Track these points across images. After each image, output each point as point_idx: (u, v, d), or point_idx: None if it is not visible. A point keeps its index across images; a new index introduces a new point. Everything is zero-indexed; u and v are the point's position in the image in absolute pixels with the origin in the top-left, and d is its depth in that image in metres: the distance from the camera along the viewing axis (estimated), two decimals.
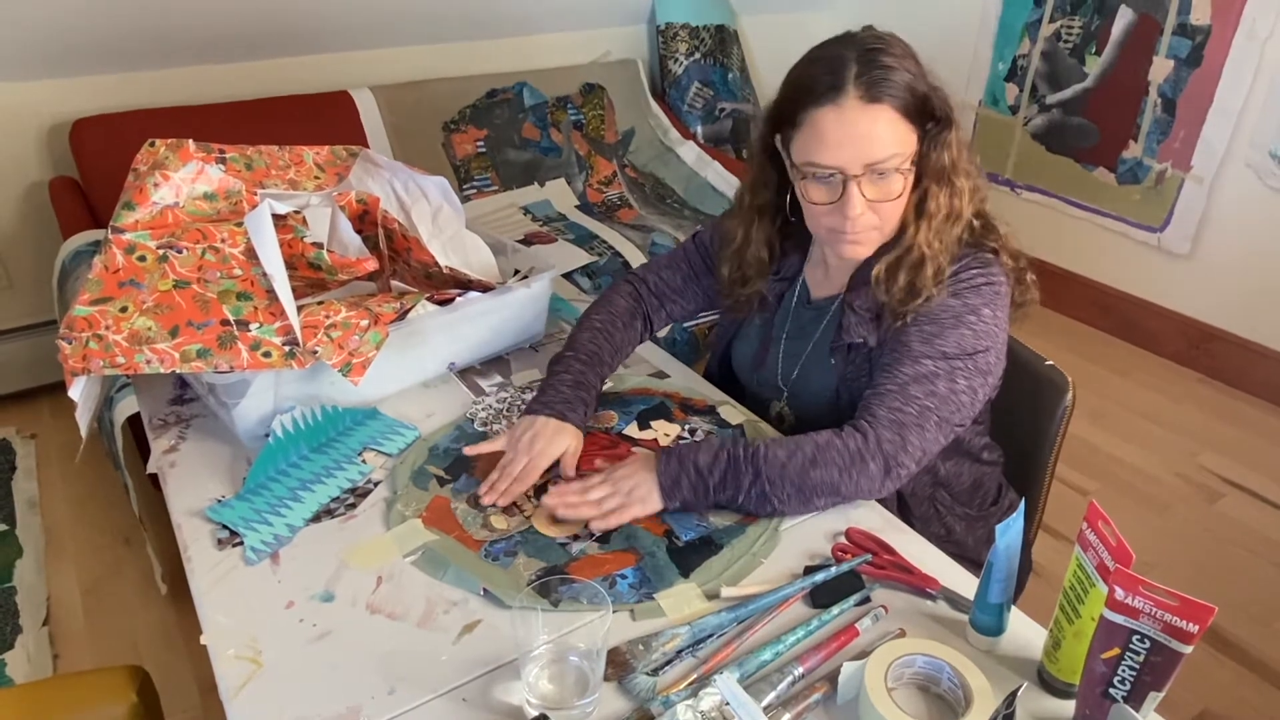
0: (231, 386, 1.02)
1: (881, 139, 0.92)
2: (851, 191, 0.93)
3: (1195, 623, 0.63)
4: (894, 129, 0.92)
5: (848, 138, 0.91)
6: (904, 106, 0.92)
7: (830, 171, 0.94)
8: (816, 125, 0.93)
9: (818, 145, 0.93)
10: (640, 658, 0.77)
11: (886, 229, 0.99)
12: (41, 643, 1.68)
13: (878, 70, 0.91)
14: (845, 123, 0.91)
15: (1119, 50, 2.65)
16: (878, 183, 0.94)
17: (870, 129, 0.91)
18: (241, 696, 0.75)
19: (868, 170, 0.93)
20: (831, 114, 0.92)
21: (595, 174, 2.82)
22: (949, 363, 0.96)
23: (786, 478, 0.92)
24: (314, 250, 1.07)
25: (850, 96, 0.91)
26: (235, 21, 2.28)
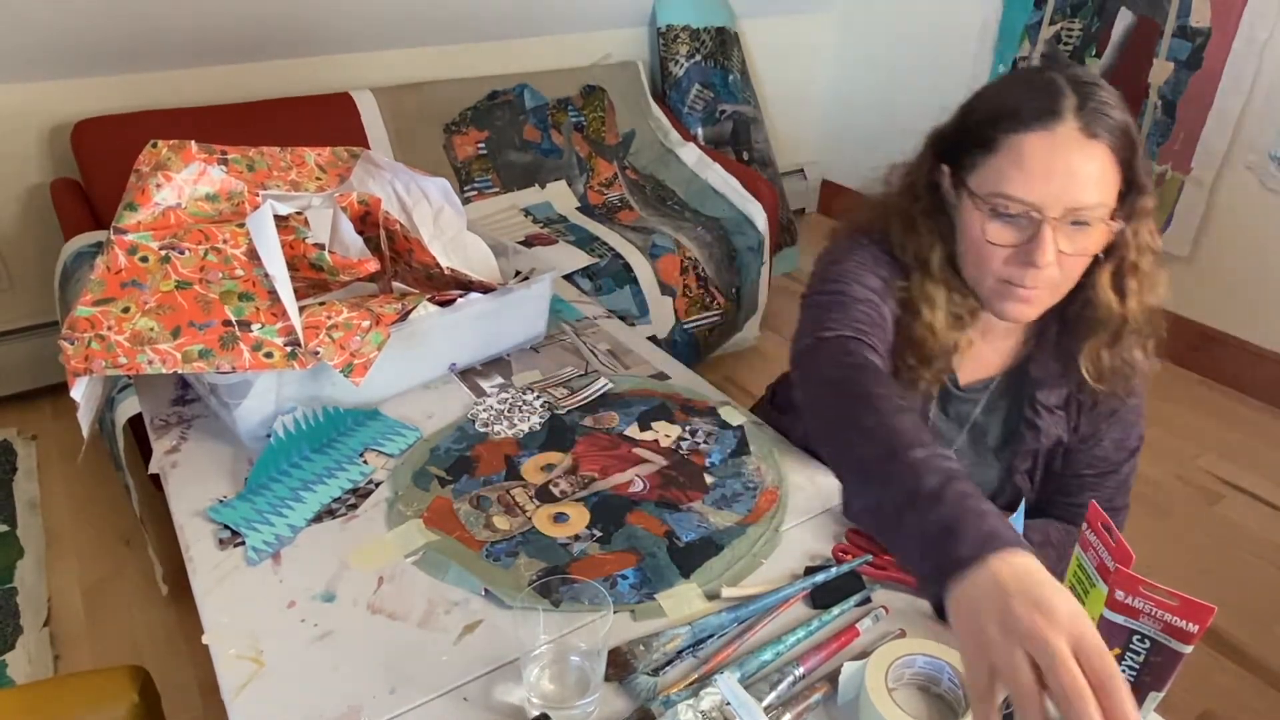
0: (233, 387, 1.02)
1: (1093, 182, 0.80)
2: (1045, 235, 0.80)
3: (1195, 623, 0.63)
4: (1105, 175, 0.80)
5: (1056, 171, 0.79)
6: (1118, 153, 0.81)
7: (1024, 209, 0.81)
8: (1020, 151, 0.80)
9: (1017, 175, 0.81)
10: (641, 658, 0.77)
11: (1062, 290, 0.87)
12: (42, 643, 1.68)
13: (1097, 104, 0.80)
14: (1057, 154, 0.79)
15: (1119, 52, 2.65)
16: (1073, 233, 0.82)
17: (1083, 167, 0.79)
18: (243, 696, 0.75)
19: (1066, 215, 0.80)
20: (1042, 141, 0.79)
21: (596, 176, 2.82)
22: (1135, 456, 0.99)
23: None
24: (316, 251, 1.08)
25: (1068, 125, 0.79)
26: (237, 23, 2.28)
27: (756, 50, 3.31)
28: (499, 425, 1.11)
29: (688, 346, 2.51)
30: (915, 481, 0.66)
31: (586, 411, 1.14)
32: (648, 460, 1.05)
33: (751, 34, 3.27)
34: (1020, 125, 0.81)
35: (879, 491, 0.69)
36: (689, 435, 1.10)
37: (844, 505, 0.84)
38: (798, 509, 0.98)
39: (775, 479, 1.03)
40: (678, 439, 1.09)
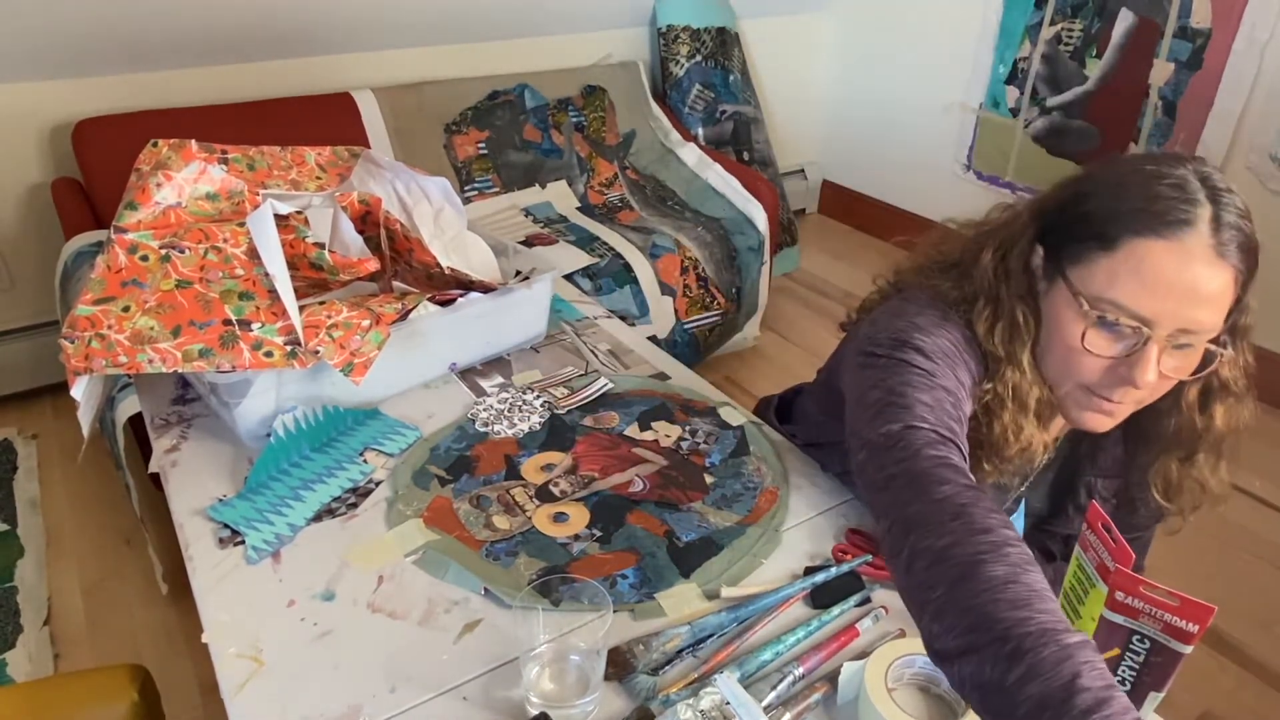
0: (233, 386, 1.02)
1: (1212, 303, 0.72)
2: (1149, 355, 0.73)
3: (1195, 623, 0.63)
4: (1224, 296, 0.72)
5: (1178, 288, 0.71)
6: (1242, 275, 0.73)
7: (1135, 323, 0.73)
8: (1142, 259, 0.72)
9: (1134, 284, 0.72)
10: (641, 657, 0.77)
11: (1146, 403, 0.80)
12: (42, 642, 1.68)
13: (1233, 219, 0.71)
14: (1184, 269, 0.71)
15: (1119, 53, 2.65)
16: (1176, 354, 0.75)
17: (1206, 287, 0.71)
18: (243, 695, 0.75)
19: (1175, 335, 0.73)
20: (1173, 252, 0.71)
21: (596, 176, 2.82)
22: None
23: None
24: (316, 250, 1.08)
25: (1202, 240, 0.70)
26: (237, 23, 2.28)
27: (757, 50, 3.32)
28: (499, 425, 1.11)
29: (688, 346, 2.51)
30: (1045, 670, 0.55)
31: (586, 411, 1.14)
32: (648, 460, 1.05)
33: (752, 34, 3.27)
34: (1148, 230, 0.72)
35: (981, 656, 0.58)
36: (689, 435, 1.10)
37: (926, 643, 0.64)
38: (797, 509, 0.98)
39: (775, 479, 1.03)
40: (678, 439, 1.09)
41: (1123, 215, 0.73)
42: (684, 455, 1.06)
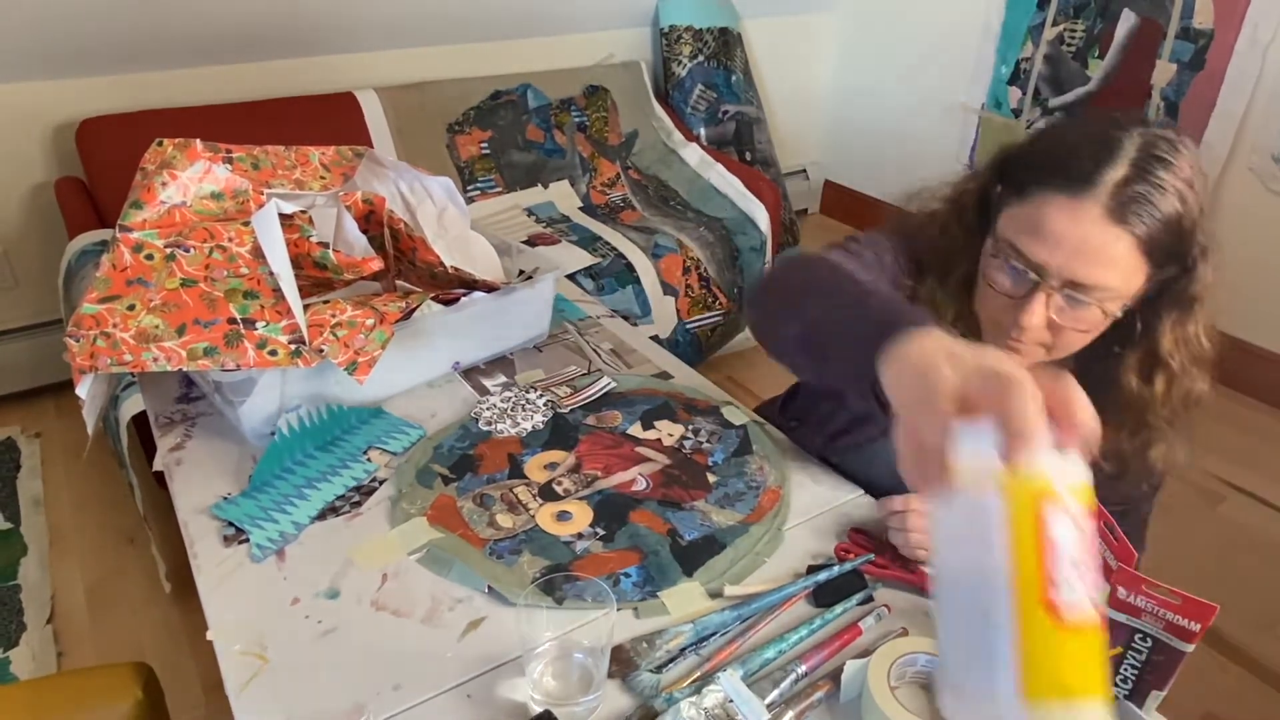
0: (238, 384, 1.03)
1: (1103, 265, 0.75)
2: (1035, 299, 0.78)
3: (1197, 621, 0.63)
4: (1126, 262, 0.76)
5: (1066, 243, 0.76)
6: (1150, 242, 0.75)
7: (1028, 266, 0.79)
8: (1040, 210, 0.77)
9: (1031, 231, 0.78)
10: (644, 655, 0.78)
11: (1055, 354, 0.84)
12: (46, 640, 1.69)
13: (1146, 185, 0.74)
14: (1075, 227, 0.75)
15: (1122, 54, 2.65)
16: (1070, 306, 0.79)
17: (1097, 247, 0.75)
18: (247, 692, 0.75)
19: (1065, 286, 0.78)
20: (1064, 208, 0.75)
21: (598, 176, 2.82)
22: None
23: None
24: (320, 250, 1.08)
25: (1096, 201, 0.74)
26: (241, 23, 2.29)
27: (759, 51, 3.32)
28: (502, 424, 1.11)
29: (690, 346, 2.51)
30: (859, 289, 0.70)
31: (589, 410, 1.15)
32: (650, 459, 1.05)
33: (754, 34, 3.27)
34: (1053, 183, 0.77)
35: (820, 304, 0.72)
36: (692, 434, 1.10)
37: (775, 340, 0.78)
38: (800, 508, 0.98)
39: (778, 478, 1.03)
40: (680, 438, 1.09)
41: (1040, 167, 0.78)
42: (687, 454, 1.06)
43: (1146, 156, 0.75)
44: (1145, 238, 0.75)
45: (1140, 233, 0.74)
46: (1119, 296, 0.78)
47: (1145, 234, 0.74)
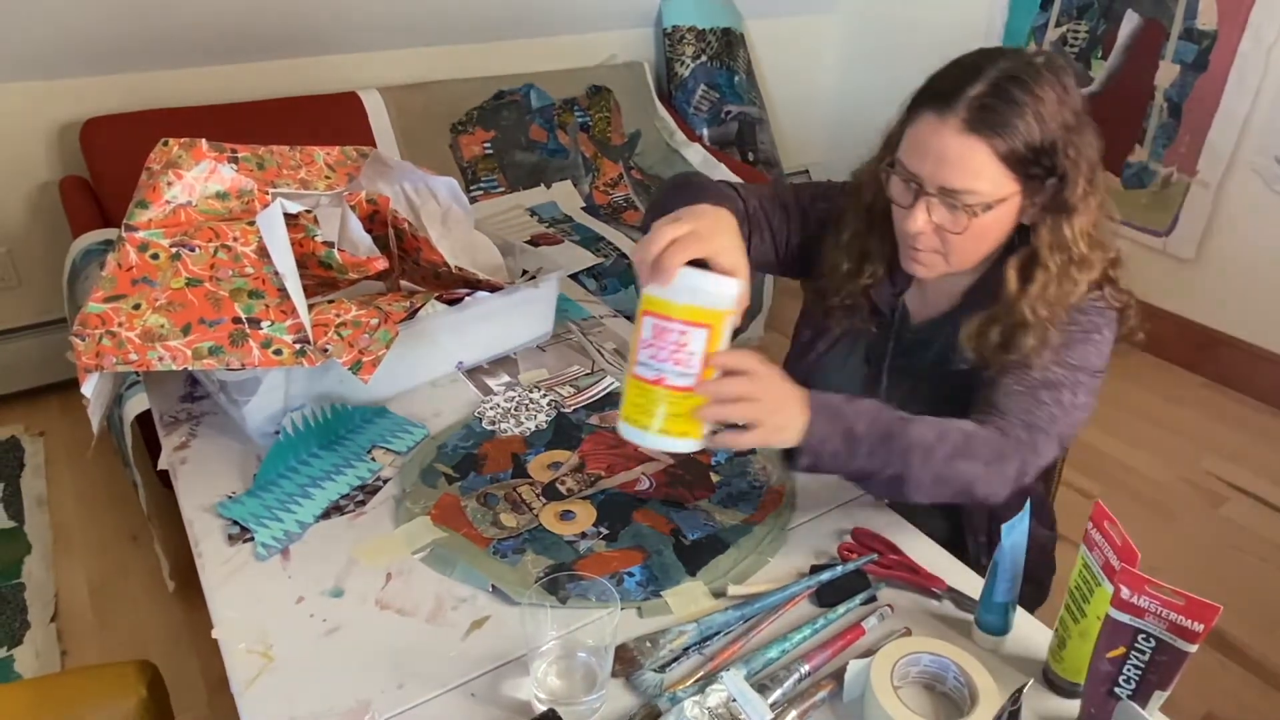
0: (242, 384, 1.03)
1: (965, 171, 0.85)
2: (918, 206, 0.89)
3: (1201, 622, 0.63)
4: (986, 168, 0.85)
5: (932, 153, 0.86)
6: (1008, 153, 0.84)
7: (909, 177, 0.89)
8: (916, 126, 0.89)
9: (909, 146, 0.89)
10: (648, 655, 0.78)
11: (952, 261, 0.93)
12: (50, 638, 1.69)
13: (999, 100, 0.83)
14: (937, 138, 0.86)
15: (1125, 55, 2.65)
16: (947, 210, 0.88)
17: (957, 155, 0.85)
18: (252, 691, 0.75)
19: (941, 193, 0.87)
20: (931, 122, 0.86)
21: (601, 176, 2.82)
22: (1074, 374, 0.91)
23: (930, 465, 0.82)
24: (325, 249, 1.08)
25: (955, 114, 0.84)
26: (245, 22, 2.29)
27: (762, 51, 3.32)
28: (506, 423, 1.12)
29: None
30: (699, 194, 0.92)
31: (593, 410, 1.15)
32: (654, 459, 1.05)
33: (757, 35, 3.27)
34: (925, 101, 0.88)
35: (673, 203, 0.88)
36: None
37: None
38: (803, 507, 0.99)
39: (781, 478, 1.03)
40: None
41: (921, 93, 0.90)
42: (690, 453, 1.06)
43: (1005, 78, 0.84)
44: (1000, 147, 0.84)
45: (994, 142, 0.84)
46: (985, 200, 0.86)
47: (999, 144, 0.84)
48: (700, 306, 0.73)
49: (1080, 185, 0.88)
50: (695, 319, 0.73)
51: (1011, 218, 0.90)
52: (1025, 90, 0.84)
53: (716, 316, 0.74)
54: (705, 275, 0.74)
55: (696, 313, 0.73)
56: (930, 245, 0.92)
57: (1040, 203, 0.89)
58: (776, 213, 1.09)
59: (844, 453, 0.81)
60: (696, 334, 0.73)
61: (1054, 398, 0.89)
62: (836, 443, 0.80)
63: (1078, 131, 0.87)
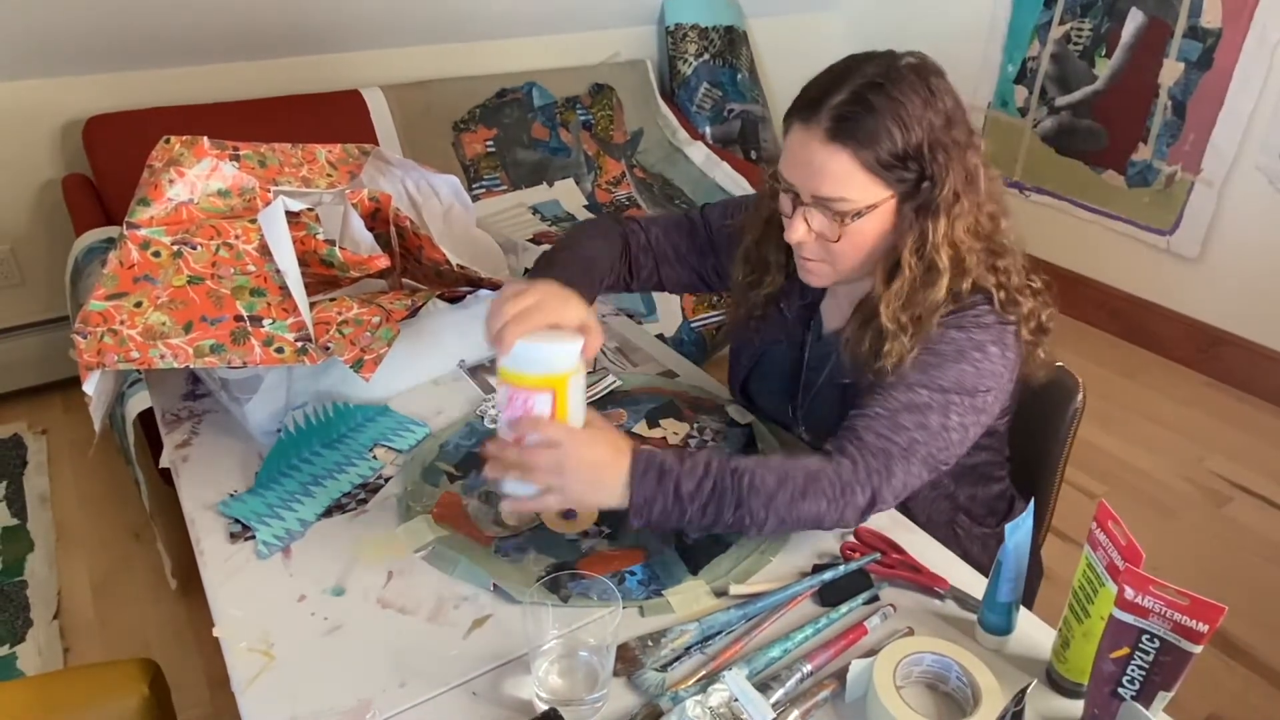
0: (244, 382, 1.03)
1: (832, 180, 0.86)
2: (796, 215, 0.90)
3: (1205, 622, 0.63)
4: (852, 176, 0.85)
5: (800, 163, 0.88)
6: (874, 159, 0.84)
7: (788, 187, 0.90)
8: (789, 137, 0.90)
9: (784, 160, 0.90)
10: (650, 654, 0.78)
11: (838, 268, 0.93)
12: (52, 636, 1.69)
13: (858, 109, 0.83)
14: (804, 148, 0.87)
15: (1129, 53, 2.64)
16: (824, 217, 0.89)
17: (823, 164, 0.86)
18: (253, 689, 0.75)
19: (815, 201, 0.88)
20: (799, 133, 0.87)
21: (604, 174, 2.82)
22: (944, 396, 0.87)
23: (773, 509, 0.82)
24: (326, 247, 1.08)
25: (818, 125, 0.85)
26: (248, 21, 2.29)
27: (765, 49, 3.31)
28: None
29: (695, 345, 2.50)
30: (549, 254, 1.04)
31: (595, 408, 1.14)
32: None
33: (760, 33, 3.27)
34: (794, 116, 0.88)
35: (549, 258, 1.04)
36: (697, 433, 1.10)
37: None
38: None
39: None
40: (686, 436, 1.09)
41: (794, 102, 0.89)
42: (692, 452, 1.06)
43: (866, 85, 0.84)
44: (864, 157, 0.84)
45: (855, 150, 0.84)
46: (857, 208, 0.87)
47: (864, 153, 0.84)
48: (539, 375, 0.80)
49: (949, 188, 0.86)
50: (537, 385, 0.80)
51: (888, 221, 0.89)
52: (886, 96, 0.83)
53: (558, 381, 0.80)
54: (540, 345, 0.79)
55: (537, 380, 0.80)
56: (815, 254, 0.93)
57: (914, 205, 0.88)
58: (683, 240, 1.14)
59: (674, 510, 0.81)
60: (541, 398, 0.80)
61: (917, 421, 0.86)
62: (665, 502, 0.81)
63: (946, 132, 0.86)
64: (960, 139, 0.87)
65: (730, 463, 0.83)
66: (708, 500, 0.81)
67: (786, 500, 0.82)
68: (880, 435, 0.86)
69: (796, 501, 0.82)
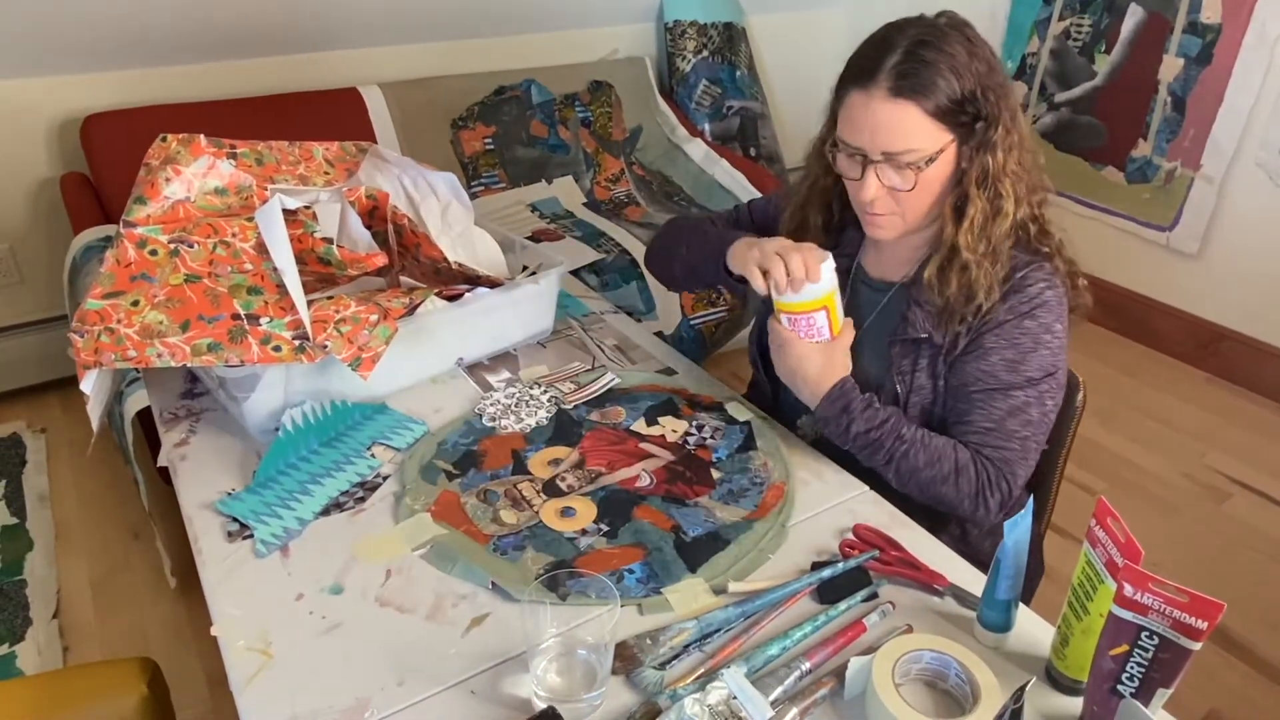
0: (242, 380, 1.03)
1: (901, 133, 0.93)
2: (868, 175, 0.96)
3: (1204, 619, 0.63)
4: (919, 126, 0.93)
5: (867, 125, 0.94)
6: (935, 108, 0.92)
7: (853, 151, 0.97)
8: (847, 105, 0.96)
9: (846, 124, 0.97)
10: (648, 652, 0.78)
11: (909, 218, 1.00)
12: (51, 635, 1.69)
13: (915, 64, 0.91)
14: (869, 110, 0.94)
15: (1129, 49, 2.64)
16: (895, 171, 0.95)
17: (890, 121, 0.93)
18: (252, 688, 0.75)
19: (885, 158, 0.95)
20: (859, 98, 0.94)
21: (603, 171, 2.82)
22: (1037, 388, 0.98)
23: (913, 481, 0.97)
24: (324, 245, 1.08)
25: (880, 86, 0.92)
26: (245, 18, 2.28)
27: (764, 46, 3.31)
28: (506, 420, 1.11)
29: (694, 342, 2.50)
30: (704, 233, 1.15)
31: (593, 406, 1.14)
32: (654, 455, 1.05)
33: (759, 29, 3.26)
34: (850, 80, 0.96)
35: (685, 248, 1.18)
36: (696, 430, 1.10)
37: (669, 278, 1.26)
38: (804, 504, 0.98)
39: (782, 474, 1.03)
40: (684, 434, 1.09)
41: (844, 75, 0.98)
42: (690, 450, 1.06)
43: (915, 43, 0.92)
44: (927, 105, 0.92)
45: (920, 101, 0.92)
46: (925, 154, 0.94)
47: (927, 103, 0.92)
48: (815, 300, 0.98)
49: (1002, 124, 0.95)
50: (815, 308, 0.99)
51: (951, 165, 0.97)
52: (936, 50, 0.92)
53: (828, 299, 0.99)
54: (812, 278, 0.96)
55: (815, 304, 0.98)
56: (887, 208, 0.99)
57: (972, 146, 0.96)
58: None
59: (839, 436, 1.00)
60: (819, 316, 0.99)
61: (1023, 421, 0.98)
62: (835, 427, 1.00)
63: (990, 77, 0.94)
64: (1002, 81, 0.96)
65: (902, 428, 0.98)
66: (865, 445, 0.99)
67: (927, 480, 0.97)
68: (997, 448, 0.98)
69: (936, 484, 0.97)
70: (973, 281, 0.98)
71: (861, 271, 1.13)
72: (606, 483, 1.00)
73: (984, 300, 0.98)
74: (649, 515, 0.95)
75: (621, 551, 0.90)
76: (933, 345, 1.03)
